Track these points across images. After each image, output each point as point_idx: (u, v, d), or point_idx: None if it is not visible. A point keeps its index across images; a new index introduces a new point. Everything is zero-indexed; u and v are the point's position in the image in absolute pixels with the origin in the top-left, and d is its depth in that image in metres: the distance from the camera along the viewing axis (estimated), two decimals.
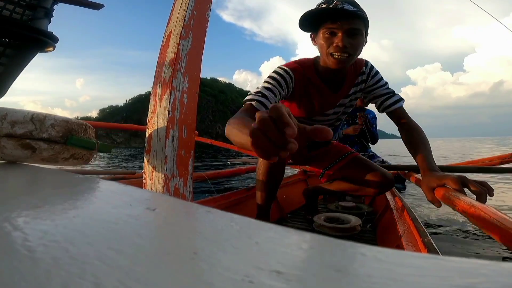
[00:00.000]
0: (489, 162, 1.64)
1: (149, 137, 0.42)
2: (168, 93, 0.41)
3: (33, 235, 0.11)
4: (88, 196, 0.20)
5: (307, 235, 0.13)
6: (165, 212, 0.16)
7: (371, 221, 1.44)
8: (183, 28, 0.45)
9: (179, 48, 0.43)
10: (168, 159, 0.40)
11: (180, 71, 0.43)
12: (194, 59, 0.46)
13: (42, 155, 0.38)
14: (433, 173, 0.84)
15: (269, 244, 0.12)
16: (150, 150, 0.42)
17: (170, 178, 0.41)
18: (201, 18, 0.51)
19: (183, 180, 0.43)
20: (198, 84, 0.46)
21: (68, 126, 0.38)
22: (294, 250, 0.11)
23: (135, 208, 0.16)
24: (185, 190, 0.44)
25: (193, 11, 0.49)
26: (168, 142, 0.40)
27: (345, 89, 1.12)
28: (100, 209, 0.16)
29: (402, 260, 0.11)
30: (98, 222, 0.13)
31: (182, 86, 0.43)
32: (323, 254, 0.11)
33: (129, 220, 0.13)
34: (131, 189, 0.20)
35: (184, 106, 0.43)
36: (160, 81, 0.43)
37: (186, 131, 0.43)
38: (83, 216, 0.14)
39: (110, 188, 0.21)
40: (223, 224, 0.14)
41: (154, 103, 0.43)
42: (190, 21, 0.47)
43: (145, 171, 0.43)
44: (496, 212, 0.61)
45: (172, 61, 0.43)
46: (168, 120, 0.40)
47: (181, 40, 0.44)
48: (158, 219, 0.14)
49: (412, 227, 0.95)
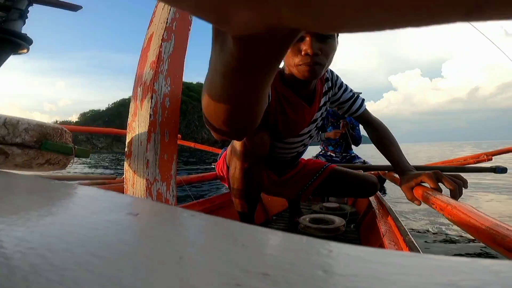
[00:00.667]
0: (464, 161, 1.72)
1: (130, 141, 0.41)
2: (150, 96, 0.40)
3: (8, 242, 0.10)
4: (65, 202, 0.19)
5: (293, 237, 0.13)
6: (147, 217, 0.15)
7: (354, 221, 1.47)
8: (165, 30, 0.44)
9: (161, 51, 0.43)
10: (150, 163, 0.39)
11: (162, 74, 0.42)
12: (177, 62, 0.46)
13: (16, 160, 0.36)
14: (409, 172, 0.87)
15: (255, 247, 0.11)
16: (131, 154, 0.41)
17: (152, 182, 0.40)
18: (184, 20, 0.50)
19: (166, 184, 0.43)
20: (180, 87, 0.45)
21: (42, 131, 0.37)
22: (281, 252, 0.11)
23: (116, 214, 0.15)
24: (168, 194, 0.43)
25: (176, 13, 0.48)
26: (149, 146, 0.39)
27: (317, 101, 1.03)
28: (78, 215, 0.15)
29: (385, 259, 0.11)
30: (76, 228, 0.12)
31: (164, 89, 0.42)
32: (309, 255, 0.11)
33: (110, 226, 0.13)
34: (111, 194, 0.19)
35: (166, 110, 0.42)
36: (141, 84, 0.42)
37: (168, 135, 0.42)
38: (60, 222, 0.13)
39: (89, 193, 0.20)
40: (208, 228, 0.14)
41: (134, 107, 0.42)
42: (172, 23, 0.47)
43: (126, 176, 0.41)
44: (471, 209, 0.64)
45: (154, 63, 0.42)
46: (149, 123, 0.39)
47: (163, 43, 0.43)
48: (141, 224, 0.14)
49: (393, 226, 0.97)
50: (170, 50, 0.45)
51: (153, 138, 0.40)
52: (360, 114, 1.09)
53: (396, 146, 1.00)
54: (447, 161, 1.94)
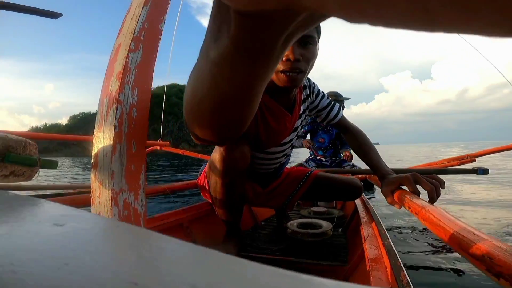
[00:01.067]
0: (448, 163, 1.75)
1: (96, 152, 0.41)
2: (115, 108, 0.41)
3: None
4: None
5: (265, 269, 0.12)
6: (103, 234, 0.15)
7: (341, 225, 1.48)
8: (133, 40, 0.45)
9: (127, 61, 0.43)
10: (116, 174, 0.40)
11: (128, 85, 0.43)
12: (144, 72, 0.46)
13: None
14: (389, 176, 0.89)
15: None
16: (97, 165, 0.41)
17: (118, 192, 0.40)
18: (154, 30, 0.51)
19: (134, 194, 0.43)
20: (149, 97, 0.46)
21: (4, 143, 0.37)
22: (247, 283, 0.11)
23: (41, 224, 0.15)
24: (136, 203, 0.43)
25: (145, 23, 0.49)
26: (114, 158, 0.40)
27: (298, 109, 1.03)
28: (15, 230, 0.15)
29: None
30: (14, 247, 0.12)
31: (131, 99, 0.43)
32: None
33: (54, 246, 0.13)
34: (42, 204, 0.19)
35: (133, 120, 0.43)
36: (106, 95, 0.42)
37: (135, 146, 0.43)
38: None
39: (34, 206, 0.20)
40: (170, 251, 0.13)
41: (100, 118, 0.42)
42: (140, 33, 0.47)
43: (92, 186, 0.42)
44: (442, 213, 0.65)
45: (120, 74, 0.42)
46: (114, 135, 0.40)
47: (130, 53, 0.44)
48: (88, 243, 0.14)
49: (375, 230, 0.98)
50: (138, 60, 0.45)
51: (119, 149, 0.40)
52: (337, 121, 1.10)
53: (374, 151, 1.02)
54: (432, 163, 1.97)
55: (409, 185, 0.80)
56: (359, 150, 1.06)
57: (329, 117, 1.10)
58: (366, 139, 1.07)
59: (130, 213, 0.42)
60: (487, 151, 1.90)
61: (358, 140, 1.08)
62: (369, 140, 1.08)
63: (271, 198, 1.24)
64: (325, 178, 1.22)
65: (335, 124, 1.12)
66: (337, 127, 1.14)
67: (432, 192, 0.76)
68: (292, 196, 1.23)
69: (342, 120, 1.11)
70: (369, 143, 1.06)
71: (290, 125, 1.02)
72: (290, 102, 0.99)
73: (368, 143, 1.06)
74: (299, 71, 0.79)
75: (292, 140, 1.11)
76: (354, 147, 1.09)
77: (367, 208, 1.33)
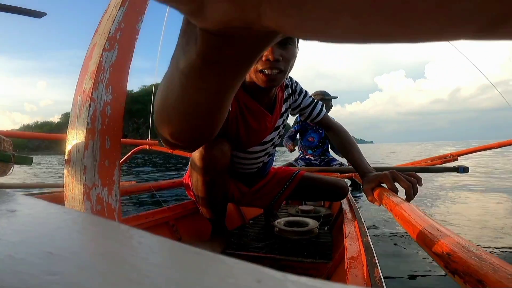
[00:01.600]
0: (432, 162, 1.78)
1: (69, 148, 0.43)
2: (88, 105, 0.42)
3: None
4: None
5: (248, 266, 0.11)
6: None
7: (328, 223, 1.50)
8: (107, 40, 0.46)
9: (101, 60, 0.44)
10: (88, 169, 0.41)
11: (102, 83, 0.44)
12: (120, 71, 0.47)
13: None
14: (369, 174, 0.91)
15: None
16: (70, 160, 0.42)
17: (90, 187, 0.41)
18: (130, 30, 0.52)
19: (108, 189, 0.44)
20: (124, 95, 0.47)
21: None
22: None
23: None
24: (110, 199, 0.45)
25: (121, 23, 0.50)
26: (87, 153, 0.41)
27: (279, 108, 1.04)
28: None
29: None
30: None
31: (104, 97, 0.44)
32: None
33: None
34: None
35: (107, 117, 0.44)
36: (80, 93, 0.44)
37: (109, 142, 0.44)
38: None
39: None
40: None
41: (73, 115, 0.43)
42: (116, 33, 0.48)
43: (65, 182, 0.43)
44: (413, 210, 0.67)
45: (93, 72, 0.43)
46: (87, 131, 0.41)
47: (104, 52, 0.45)
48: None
49: (356, 227, 1.00)
50: (113, 60, 0.47)
51: (91, 145, 0.42)
52: (320, 119, 1.12)
53: (356, 149, 1.04)
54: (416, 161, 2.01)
55: (387, 183, 0.82)
56: (342, 147, 1.07)
57: (312, 115, 1.11)
58: (349, 137, 1.09)
59: (104, 208, 0.43)
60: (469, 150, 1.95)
61: (340, 138, 1.09)
62: (351, 138, 1.09)
63: (258, 198, 1.25)
64: (311, 179, 1.24)
65: (318, 122, 1.13)
66: (321, 125, 1.15)
67: (409, 190, 0.78)
68: (278, 197, 1.25)
69: (325, 118, 1.12)
70: (351, 141, 1.07)
71: (270, 125, 1.03)
72: (271, 102, 1.00)
73: (351, 141, 1.07)
74: (278, 71, 0.79)
75: (274, 140, 1.12)
76: (337, 145, 1.11)
77: (351, 206, 1.36)
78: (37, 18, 0.99)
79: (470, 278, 0.36)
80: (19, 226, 0.14)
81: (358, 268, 0.75)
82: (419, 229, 0.57)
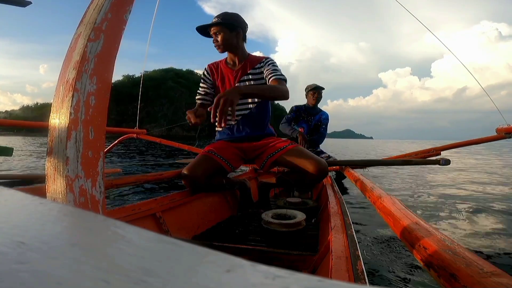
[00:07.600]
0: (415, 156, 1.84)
1: (50, 138, 0.42)
2: (71, 95, 0.41)
3: None
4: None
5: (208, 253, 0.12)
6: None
7: (315, 215, 1.52)
8: (93, 30, 0.45)
9: (86, 50, 0.44)
10: (70, 160, 0.41)
11: (86, 73, 0.43)
12: (105, 61, 0.47)
13: None
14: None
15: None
16: (52, 151, 0.42)
17: (73, 179, 0.41)
18: (117, 20, 0.51)
19: (92, 181, 0.44)
20: (109, 85, 0.46)
21: None
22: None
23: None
24: (94, 190, 0.44)
25: (108, 14, 0.49)
26: (69, 144, 0.41)
27: (244, 66, 1.61)
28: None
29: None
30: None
31: (88, 87, 0.43)
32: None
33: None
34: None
35: (91, 108, 0.44)
36: (63, 83, 0.43)
37: (93, 132, 0.44)
38: None
39: None
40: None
41: (56, 105, 0.43)
42: (102, 24, 0.47)
43: (47, 173, 0.42)
44: (396, 203, 0.69)
45: (77, 63, 0.43)
46: (70, 121, 0.40)
47: (89, 43, 0.44)
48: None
49: (341, 220, 1.02)
50: (98, 50, 0.46)
51: (74, 136, 0.41)
52: (274, 79, 1.49)
53: (269, 86, 1.49)
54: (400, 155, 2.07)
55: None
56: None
57: (267, 72, 1.55)
58: (272, 85, 1.48)
59: (87, 200, 0.43)
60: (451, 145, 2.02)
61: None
62: (274, 85, 1.45)
63: (256, 155, 1.63)
64: (300, 150, 1.53)
65: (271, 81, 1.50)
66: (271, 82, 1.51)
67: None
68: (268, 158, 1.56)
69: (277, 80, 1.49)
70: (271, 85, 1.49)
71: (236, 73, 1.62)
72: (234, 62, 1.63)
73: (271, 84, 1.49)
74: (217, 46, 1.56)
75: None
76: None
77: (337, 199, 1.38)
78: (22, 7, 0.96)
79: (444, 272, 0.37)
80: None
81: (342, 260, 0.77)
82: (399, 222, 0.59)
